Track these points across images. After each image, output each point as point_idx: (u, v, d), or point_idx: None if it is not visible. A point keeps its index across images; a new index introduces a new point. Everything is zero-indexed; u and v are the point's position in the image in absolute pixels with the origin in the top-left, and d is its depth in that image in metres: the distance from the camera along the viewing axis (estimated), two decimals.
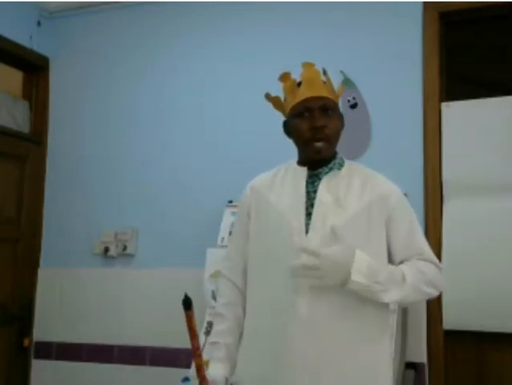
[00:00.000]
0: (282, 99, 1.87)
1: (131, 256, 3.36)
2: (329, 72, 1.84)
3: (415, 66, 2.93)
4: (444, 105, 2.86)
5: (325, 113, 1.76)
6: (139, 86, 3.49)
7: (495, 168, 2.73)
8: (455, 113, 2.83)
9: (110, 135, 3.52)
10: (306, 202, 1.75)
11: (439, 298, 2.72)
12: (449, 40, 3.02)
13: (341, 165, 1.82)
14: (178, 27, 3.44)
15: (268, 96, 1.90)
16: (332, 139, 1.78)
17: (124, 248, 3.33)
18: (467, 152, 2.78)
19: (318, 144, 1.74)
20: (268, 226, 1.79)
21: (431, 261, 1.78)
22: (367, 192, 1.76)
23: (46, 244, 3.59)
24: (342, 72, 3.03)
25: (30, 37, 3.57)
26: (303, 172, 1.80)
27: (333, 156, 1.83)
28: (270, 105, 1.91)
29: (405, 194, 2.77)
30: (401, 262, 1.76)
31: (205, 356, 1.74)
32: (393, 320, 2.54)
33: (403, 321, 2.68)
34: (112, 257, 3.39)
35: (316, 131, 1.74)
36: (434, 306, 2.75)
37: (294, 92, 1.80)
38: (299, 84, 1.80)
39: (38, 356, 3.47)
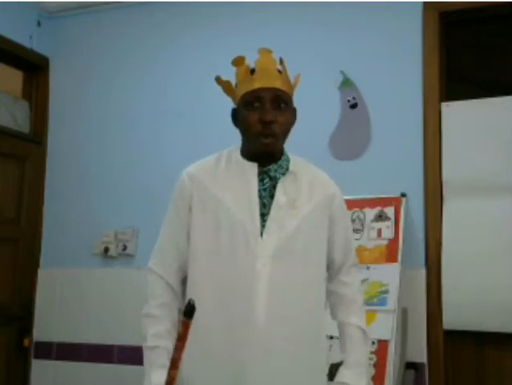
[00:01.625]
0: (234, 84, 1.75)
1: (131, 256, 3.36)
2: (285, 64, 1.73)
3: (415, 66, 2.93)
4: (444, 105, 2.86)
5: (276, 106, 1.65)
6: (139, 86, 3.50)
7: (495, 168, 2.73)
8: (455, 113, 2.83)
9: (110, 134, 3.52)
10: (259, 202, 1.67)
11: (439, 298, 2.73)
12: (449, 40, 3.02)
13: (288, 162, 1.74)
14: (178, 27, 3.44)
15: (218, 80, 1.79)
16: (280, 135, 1.67)
17: (124, 248, 3.33)
18: (467, 152, 2.78)
19: (266, 140, 1.64)
20: (218, 225, 1.66)
21: (356, 265, 1.84)
22: (316, 192, 1.73)
23: (46, 244, 3.59)
24: (342, 72, 3.03)
25: (30, 37, 3.58)
26: (254, 168, 1.69)
27: (281, 152, 1.74)
28: None
29: (405, 194, 2.80)
30: (338, 268, 1.79)
31: (145, 360, 1.65)
32: (393, 320, 2.54)
33: (403, 321, 2.68)
34: (112, 257, 3.39)
35: (265, 125, 1.63)
36: (434, 306, 2.75)
37: (246, 80, 1.68)
38: (253, 72, 1.68)
39: (38, 356, 3.47)
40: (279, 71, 1.70)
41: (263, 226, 1.64)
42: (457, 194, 2.78)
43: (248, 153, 1.71)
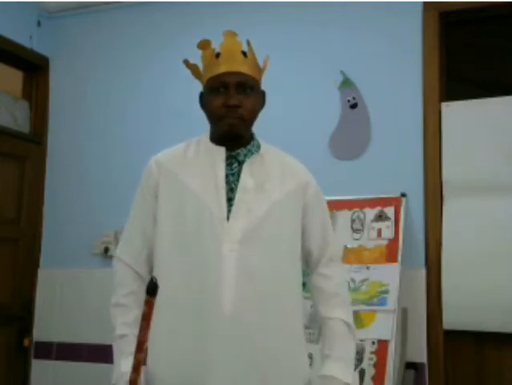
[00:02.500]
0: (201, 68, 1.74)
1: None
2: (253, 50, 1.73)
3: (415, 66, 2.93)
4: (444, 105, 2.86)
5: (242, 91, 1.63)
6: (139, 85, 3.50)
7: (495, 168, 2.73)
8: (455, 113, 2.83)
9: (110, 134, 3.52)
10: (226, 186, 1.63)
11: (439, 298, 2.73)
12: (449, 40, 3.02)
13: (258, 148, 1.71)
14: (178, 27, 3.44)
15: (187, 63, 1.78)
16: (247, 119, 1.65)
17: None
18: (467, 152, 2.78)
19: (231, 121, 1.62)
20: (184, 210, 1.63)
21: (338, 258, 1.79)
22: (288, 179, 1.69)
23: (46, 244, 3.59)
24: (342, 72, 3.03)
25: (30, 37, 3.58)
26: (221, 152, 1.67)
27: (251, 137, 1.73)
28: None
29: (405, 194, 2.80)
30: (316, 260, 1.75)
31: (115, 349, 1.64)
32: (393, 320, 2.54)
33: (403, 321, 2.68)
34: (112, 257, 3.38)
35: (230, 109, 1.61)
36: (434, 306, 2.75)
37: (211, 64, 1.68)
38: (218, 55, 1.68)
39: (38, 356, 3.47)
40: (244, 54, 1.68)
41: (230, 211, 1.61)
42: (457, 194, 2.78)
43: (215, 138, 1.70)
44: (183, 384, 1.58)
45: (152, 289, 1.35)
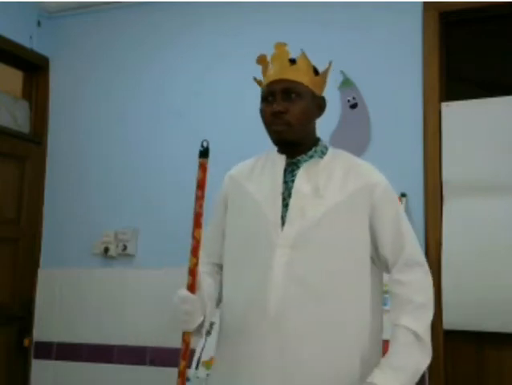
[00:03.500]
0: None
1: (131, 256, 3.36)
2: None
3: (415, 66, 2.93)
4: (444, 105, 2.86)
5: (287, 97, 1.66)
6: (139, 85, 3.50)
7: (495, 168, 2.73)
8: (455, 113, 2.83)
9: (110, 135, 3.52)
10: (284, 192, 1.66)
11: (439, 298, 2.72)
12: (449, 40, 3.02)
13: (323, 153, 1.72)
14: (178, 27, 3.44)
15: (256, 80, 1.83)
16: (295, 124, 1.66)
17: (124, 248, 3.33)
18: (467, 152, 2.78)
19: (277, 128, 1.66)
20: (244, 217, 1.71)
21: (417, 263, 1.67)
22: (350, 182, 1.66)
23: (46, 244, 3.59)
24: (342, 72, 3.03)
25: (30, 37, 3.57)
26: (281, 160, 1.71)
27: (314, 143, 1.74)
28: None
29: (405, 194, 2.80)
30: (391, 265, 1.67)
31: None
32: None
33: None
34: (112, 257, 3.39)
35: (275, 116, 1.65)
36: (434, 306, 2.74)
37: (264, 76, 1.74)
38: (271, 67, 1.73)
39: (38, 356, 3.47)
40: (293, 61, 1.71)
41: (285, 216, 1.64)
42: (457, 194, 2.78)
43: (276, 146, 1.76)
44: (232, 374, 1.65)
45: (203, 151, 1.52)
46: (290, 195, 1.65)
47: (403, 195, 2.79)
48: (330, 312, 1.59)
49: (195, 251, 1.61)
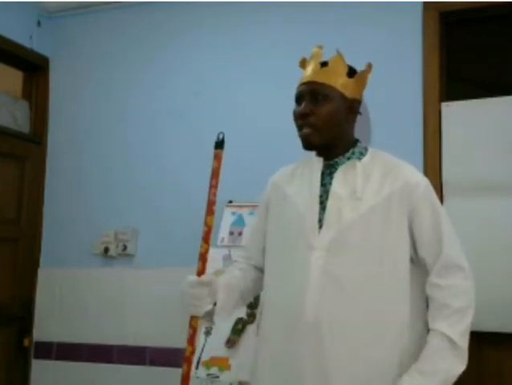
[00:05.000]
0: None
1: (131, 256, 3.36)
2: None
3: (415, 66, 2.93)
4: (444, 105, 2.86)
5: (314, 99, 1.67)
6: (139, 85, 3.50)
7: (495, 168, 2.73)
8: (455, 113, 2.83)
9: (110, 135, 3.52)
10: (322, 195, 1.67)
11: None
12: (449, 40, 3.02)
13: (362, 154, 1.73)
14: (178, 27, 3.44)
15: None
16: (321, 127, 1.67)
17: (124, 248, 3.33)
18: (467, 152, 2.78)
19: (304, 131, 1.68)
20: (283, 220, 1.74)
21: (457, 267, 1.65)
22: (388, 183, 1.65)
23: (46, 244, 3.59)
24: None
25: (30, 37, 3.57)
26: (319, 162, 1.72)
27: (351, 145, 1.74)
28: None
29: None
30: (429, 268, 1.65)
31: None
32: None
33: None
34: (112, 257, 3.39)
35: (301, 118, 1.68)
36: None
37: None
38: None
39: (38, 356, 3.47)
40: (324, 64, 1.72)
41: (323, 219, 1.65)
42: (457, 194, 2.77)
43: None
44: (279, 378, 1.65)
45: (218, 142, 1.58)
46: (327, 197, 1.66)
47: None
48: (366, 314, 1.59)
49: (207, 237, 1.66)
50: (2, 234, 3.40)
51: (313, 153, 1.77)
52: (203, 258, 1.67)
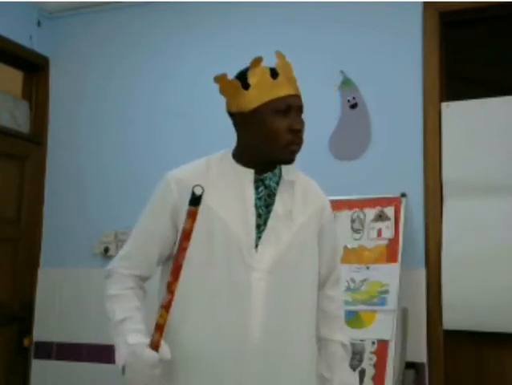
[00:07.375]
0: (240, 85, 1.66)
1: None
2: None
3: (415, 66, 2.93)
4: (444, 105, 2.86)
5: (300, 115, 1.60)
6: (138, 85, 3.49)
7: (495, 168, 2.73)
8: (455, 113, 2.83)
9: (110, 135, 3.52)
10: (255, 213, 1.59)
11: (439, 299, 2.73)
12: (449, 40, 3.02)
13: (280, 169, 1.65)
14: (178, 27, 3.44)
15: (223, 78, 1.72)
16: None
17: None
18: (467, 152, 2.78)
19: (295, 148, 1.57)
20: (211, 235, 1.56)
21: (340, 282, 1.77)
22: (310, 203, 1.67)
23: (46, 244, 3.59)
24: (342, 72, 3.03)
25: (30, 37, 3.57)
26: (250, 175, 1.61)
27: None
28: None
29: (405, 194, 2.80)
30: (323, 281, 1.71)
31: (116, 336, 1.52)
32: (393, 320, 2.54)
33: (403, 321, 2.68)
34: (112, 257, 3.38)
35: (295, 134, 1.56)
36: (434, 306, 2.75)
37: (268, 84, 1.58)
38: (274, 76, 1.59)
39: (38, 356, 3.47)
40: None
41: (259, 238, 1.58)
42: (457, 194, 2.78)
43: (245, 159, 1.62)
44: None
45: (194, 199, 1.30)
46: (259, 215, 1.59)
47: (403, 195, 2.79)
48: (303, 331, 1.63)
49: (168, 305, 1.45)
50: (2, 234, 3.40)
51: (226, 154, 1.67)
52: (160, 329, 1.46)
